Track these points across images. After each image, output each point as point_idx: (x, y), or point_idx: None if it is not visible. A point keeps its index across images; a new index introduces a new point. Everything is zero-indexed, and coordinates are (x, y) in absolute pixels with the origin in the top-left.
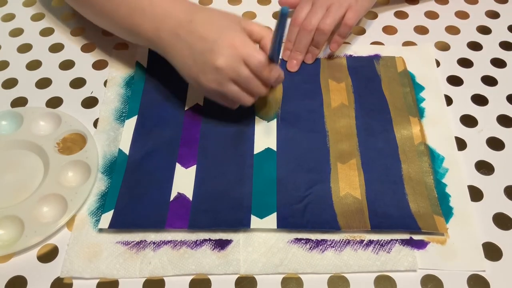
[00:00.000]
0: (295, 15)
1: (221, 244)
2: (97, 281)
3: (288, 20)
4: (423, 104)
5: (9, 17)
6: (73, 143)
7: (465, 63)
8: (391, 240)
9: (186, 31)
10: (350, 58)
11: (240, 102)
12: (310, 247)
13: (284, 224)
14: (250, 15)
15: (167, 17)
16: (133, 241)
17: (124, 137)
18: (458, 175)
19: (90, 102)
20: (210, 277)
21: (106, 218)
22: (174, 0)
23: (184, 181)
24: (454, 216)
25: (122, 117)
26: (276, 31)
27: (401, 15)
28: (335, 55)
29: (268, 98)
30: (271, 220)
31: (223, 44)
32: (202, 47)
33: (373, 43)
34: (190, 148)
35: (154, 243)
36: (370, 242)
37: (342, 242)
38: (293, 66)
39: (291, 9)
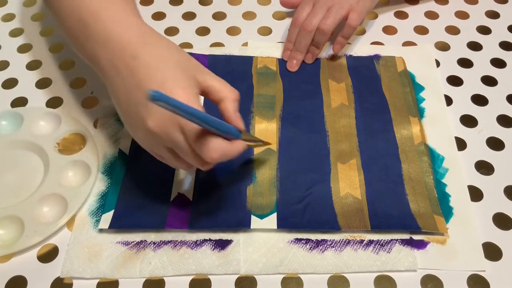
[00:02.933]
0: (296, 15)
1: (221, 244)
2: (97, 281)
3: (288, 21)
4: (423, 104)
5: (9, 17)
6: (73, 143)
7: (465, 63)
8: (391, 240)
9: (126, 69)
10: (350, 58)
11: (181, 169)
12: (310, 247)
13: (284, 224)
14: (250, 16)
15: (109, 42)
16: (133, 241)
17: (124, 137)
18: (458, 175)
19: (90, 102)
20: (210, 277)
21: (106, 218)
22: (122, 19)
23: (184, 181)
24: (454, 216)
25: None
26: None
27: (401, 15)
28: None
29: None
30: (271, 220)
31: None
32: (137, 97)
33: (373, 43)
34: None
35: (154, 243)
36: (370, 242)
37: (342, 242)
38: (293, 66)
39: (292, 9)
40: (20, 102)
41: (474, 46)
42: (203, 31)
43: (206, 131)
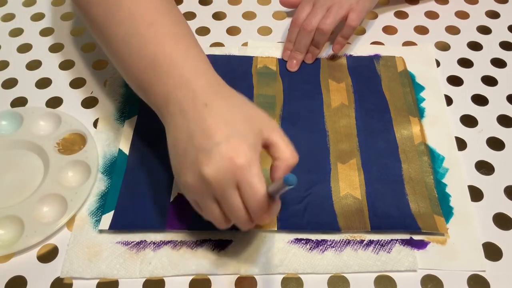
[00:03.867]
0: (295, 15)
1: (221, 244)
2: (97, 281)
3: (288, 21)
4: (423, 104)
5: (9, 17)
6: (73, 143)
7: (465, 63)
8: (391, 240)
9: (195, 115)
10: (350, 58)
11: (215, 224)
12: (310, 247)
13: (284, 225)
14: (250, 16)
15: (183, 86)
16: (133, 241)
17: (124, 137)
18: (458, 175)
19: (90, 102)
20: (210, 277)
21: (107, 219)
22: (199, 70)
23: None
24: (454, 216)
25: (122, 117)
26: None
27: (401, 15)
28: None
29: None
30: (271, 220)
31: (222, 153)
32: (200, 143)
33: (373, 43)
34: None
35: (154, 243)
36: (370, 242)
37: (342, 242)
38: (293, 66)
39: (292, 8)
40: (20, 102)
41: (474, 46)
42: (203, 31)
43: (263, 197)
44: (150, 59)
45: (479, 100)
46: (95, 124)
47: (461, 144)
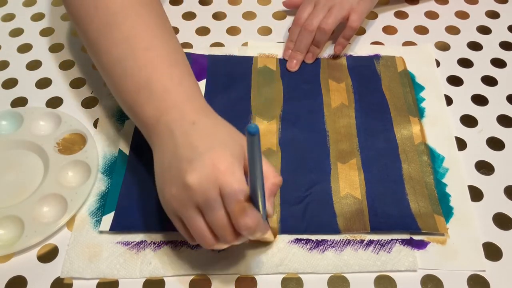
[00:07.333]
0: (297, 15)
1: None
2: (97, 281)
3: (288, 21)
4: (423, 104)
5: (9, 17)
6: (73, 143)
7: (465, 63)
8: (392, 240)
9: (182, 131)
10: (350, 58)
11: (200, 241)
12: (311, 247)
13: (284, 226)
14: (250, 16)
15: (173, 109)
16: (133, 241)
17: (124, 137)
18: (458, 175)
19: (90, 102)
20: (210, 277)
21: (107, 220)
22: (190, 96)
23: None
24: (454, 216)
25: (122, 117)
26: (250, 161)
27: (401, 15)
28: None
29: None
30: (271, 221)
31: (205, 161)
32: (185, 154)
33: (373, 43)
34: None
35: (154, 243)
36: (371, 242)
37: (343, 242)
38: (293, 66)
39: (294, 9)
40: (20, 102)
41: (474, 46)
42: (203, 31)
43: (244, 199)
44: (144, 83)
45: (479, 100)
46: (95, 124)
47: (461, 144)
